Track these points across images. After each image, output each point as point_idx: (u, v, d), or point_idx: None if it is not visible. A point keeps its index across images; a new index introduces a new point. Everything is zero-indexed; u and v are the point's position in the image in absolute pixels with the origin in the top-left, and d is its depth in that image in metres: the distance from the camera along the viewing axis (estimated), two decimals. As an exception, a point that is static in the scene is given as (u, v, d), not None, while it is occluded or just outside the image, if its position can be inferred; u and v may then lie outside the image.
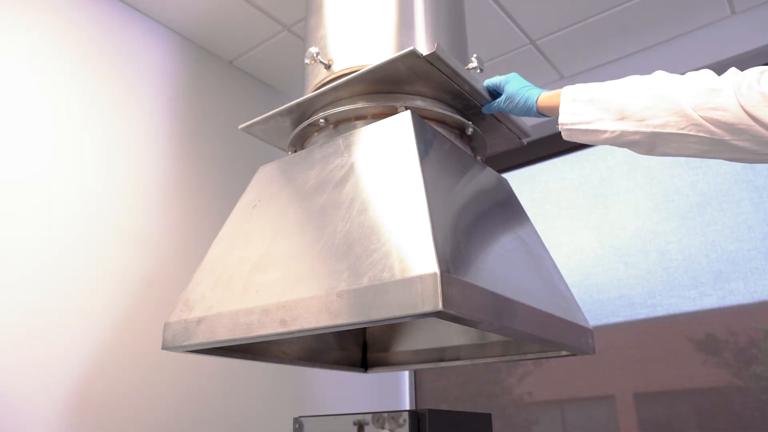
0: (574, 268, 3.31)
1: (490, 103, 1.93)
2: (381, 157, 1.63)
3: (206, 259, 1.83)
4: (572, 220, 3.41)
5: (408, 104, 1.83)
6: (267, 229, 1.73)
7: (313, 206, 1.65)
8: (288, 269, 1.53)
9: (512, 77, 1.91)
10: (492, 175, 1.99)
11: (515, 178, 3.69)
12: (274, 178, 1.92)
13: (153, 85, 2.87)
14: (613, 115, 1.59)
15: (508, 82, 1.89)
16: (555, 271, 1.90)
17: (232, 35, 3.10)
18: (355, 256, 1.41)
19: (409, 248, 1.33)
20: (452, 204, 1.54)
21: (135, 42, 2.86)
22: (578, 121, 1.65)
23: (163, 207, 2.73)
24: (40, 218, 2.32)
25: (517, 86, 1.86)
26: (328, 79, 1.95)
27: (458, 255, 1.38)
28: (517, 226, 1.87)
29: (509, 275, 1.55)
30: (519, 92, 1.84)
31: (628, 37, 3.16)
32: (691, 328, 2.90)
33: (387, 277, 1.31)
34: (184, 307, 1.71)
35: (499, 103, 1.89)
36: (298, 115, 2.02)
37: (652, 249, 3.09)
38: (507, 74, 1.94)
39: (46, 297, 2.26)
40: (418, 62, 1.74)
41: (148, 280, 2.58)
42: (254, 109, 3.34)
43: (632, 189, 3.24)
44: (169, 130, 2.87)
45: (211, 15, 2.96)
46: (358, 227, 1.47)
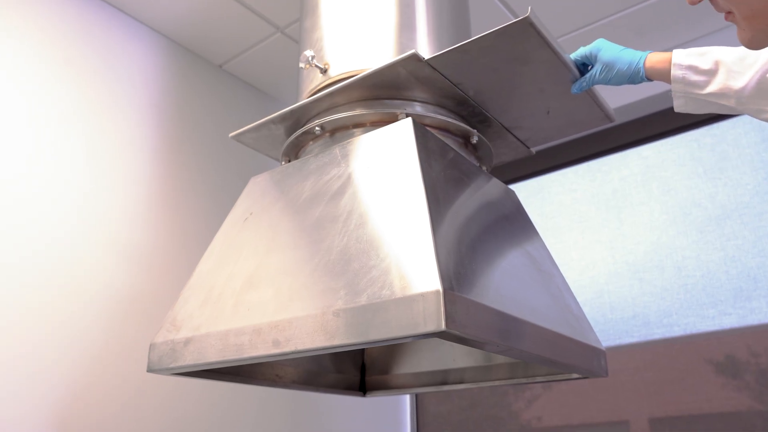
0: (586, 285, 3.31)
1: (580, 79, 1.84)
2: (380, 167, 1.63)
3: (194, 276, 1.83)
4: (584, 234, 3.41)
5: (409, 111, 1.84)
6: (259, 243, 1.73)
7: (307, 219, 1.65)
8: (281, 286, 1.53)
9: (603, 43, 1.81)
10: (498, 186, 1.99)
11: (523, 190, 3.69)
12: (267, 190, 1.93)
13: (138, 90, 2.87)
14: (736, 65, 1.58)
15: (600, 49, 1.79)
16: (565, 289, 1.90)
17: (222, 38, 3.11)
18: (352, 273, 1.41)
19: (410, 264, 1.33)
20: (456, 217, 1.55)
21: (119, 45, 2.86)
22: (696, 78, 1.63)
23: (149, 220, 2.73)
24: (17, 231, 2.31)
25: (615, 51, 1.77)
26: (324, 85, 1.95)
27: (462, 271, 1.38)
28: (525, 240, 1.87)
29: (517, 293, 1.55)
30: (620, 57, 1.76)
31: (644, 38, 3.16)
32: (709, 349, 2.90)
33: (387, 295, 1.31)
34: (171, 327, 1.71)
35: (593, 75, 1.80)
36: (292, 122, 2.02)
37: (669, 265, 3.09)
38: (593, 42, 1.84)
39: (24, 315, 2.26)
40: (420, 66, 1.74)
41: (133, 297, 2.58)
42: (245, 116, 3.34)
43: (647, 201, 3.24)
44: (155, 138, 2.87)
45: (200, 16, 2.96)
46: (355, 242, 1.47)
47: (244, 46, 3.17)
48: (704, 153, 3.15)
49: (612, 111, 2.05)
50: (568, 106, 1.98)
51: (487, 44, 1.68)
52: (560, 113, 2.01)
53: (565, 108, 1.99)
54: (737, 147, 3.07)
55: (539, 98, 1.93)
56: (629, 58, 1.75)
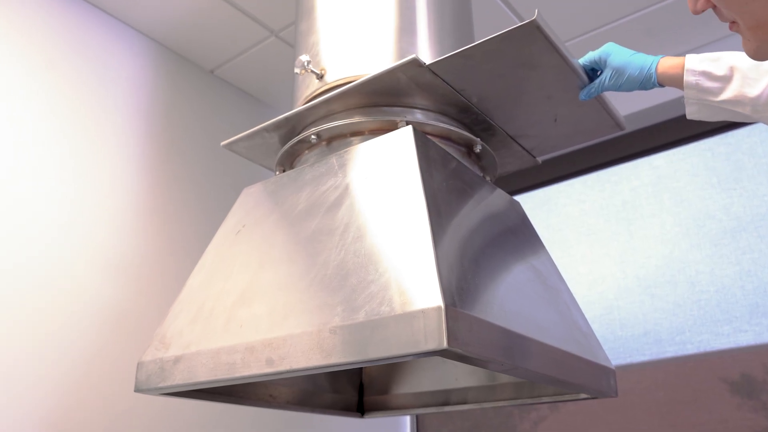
0: (595, 301, 3.31)
1: (588, 86, 1.83)
2: (379, 177, 1.63)
3: (184, 291, 1.83)
4: (592, 247, 3.42)
5: (409, 119, 1.84)
6: (252, 257, 1.73)
7: (303, 232, 1.66)
8: (275, 302, 1.53)
9: (613, 47, 1.80)
10: (503, 197, 1.99)
11: (529, 201, 3.69)
12: (260, 201, 1.93)
13: (125, 96, 2.87)
14: (752, 72, 1.58)
15: (610, 54, 1.78)
16: (573, 305, 1.90)
17: (214, 41, 3.11)
18: (350, 288, 1.41)
19: (410, 279, 1.34)
20: (458, 230, 1.55)
21: (105, 49, 2.86)
22: (709, 84, 1.62)
23: (137, 231, 2.73)
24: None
25: (626, 55, 1.76)
26: (320, 91, 1.96)
27: (465, 287, 1.38)
28: (530, 254, 1.88)
29: (522, 309, 1.55)
30: (630, 62, 1.75)
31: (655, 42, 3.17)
32: (724, 368, 2.90)
33: (386, 312, 1.31)
34: (160, 345, 1.71)
35: (603, 81, 1.79)
36: (286, 130, 2.02)
37: (681, 280, 3.09)
38: (602, 46, 1.83)
39: (3, 332, 2.26)
40: (421, 72, 1.75)
41: (119, 313, 2.58)
42: (238, 123, 3.34)
43: (659, 213, 3.25)
44: (143, 146, 2.87)
45: (190, 19, 2.96)
46: (353, 256, 1.48)
47: (237, 50, 3.17)
48: (718, 162, 3.16)
49: (622, 118, 2.06)
50: (576, 114, 1.98)
51: (492, 49, 1.68)
52: (568, 121, 2.02)
53: (573, 115, 1.99)
54: (753, 156, 3.08)
55: (546, 105, 1.94)
56: (640, 63, 1.74)
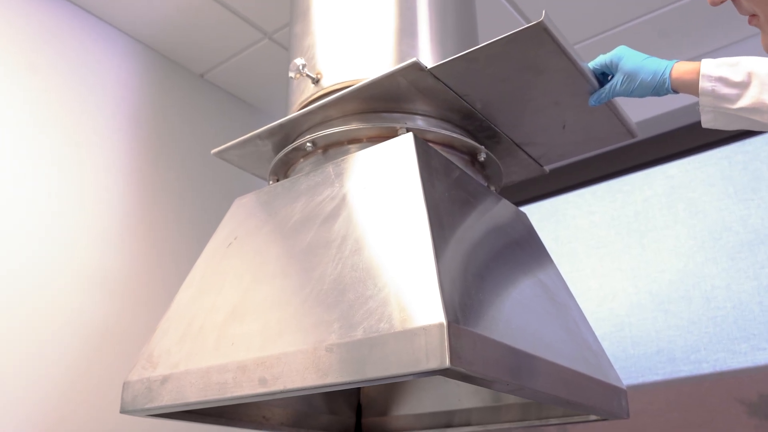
0: (605, 318, 3.31)
1: (598, 91, 1.82)
2: (378, 187, 1.63)
3: (173, 307, 1.83)
4: (602, 261, 3.42)
5: (410, 125, 1.84)
6: (244, 271, 1.73)
7: (298, 245, 1.66)
8: (269, 319, 1.53)
9: (625, 50, 1.78)
10: (508, 208, 1.99)
11: (536, 212, 3.70)
12: (253, 212, 1.93)
13: (111, 101, 2.87)
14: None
15: (621, 57, 1.76)
16: (582, 321, 1.90)
17: (204, 44, 3.11)
18: (347, 304, 1.41)
19: (410, 295, 1.34)
20: (462, 243, 1.55)
21: (90, 51, 2.86)
22: (726, 91, 1.61)
23: (122, 244, 2.73)
24: (-23, 258, 2.31)
25: (638, 59, 1.75)
26: (316, 96, 1.96)
27: (469, 302, 1.38)
28: (537, 268, 1.88)
29: (529, 326, 1.55)
30: (643, 66, 1.73)
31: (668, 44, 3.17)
32: (741, 388, 2.89)
33: (385, 329, 1.31)
34: (147, 363, 1.71)
35: (614, 86, 1.78)
36: (280, 137, 2.03)
37: (696, 295, 3.09)
38: (613, 49, 1.81)
39: (-17, 351, 2.26)
40: (422, 76, 1.75)
41: (104, 330, 2.57)
42: (229, 130, 3.34)
43: (673, 225, 3.25)
44: (129, 155, 2.87)
45: (180, 21, 2.97)
46: (351, 270, 1.48)
47: (228, 53, 3.18)
48: (735, 171, 3.16)
49: (634, 125, 2.06)
50: (585, 121, 1.98)
51: (497, 52, 1.68)
52: (577, 128, 2.02)
53: (582, 122, 1.99)
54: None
55: (554, 111, 1.94)
56: (654, 67, 1.72)
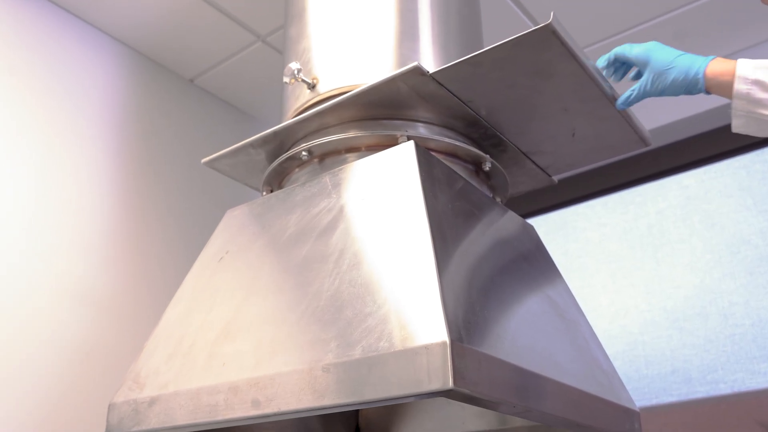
0: (617, 336, 3.31)
1: (627, 92, 1.78)
2: (377, 198, 1.63)
3: (161, 325, 1.83)
4: (614, 276, 3.41)
5: (411, 133, 1.84)
6: (236, 287, 1.73)
7: (293, 259, 1.66)
8: (262, 337, 1.53)
9: (656, 47, 1.73)
10: (515, 220, 1.99)
11: (544, 224, 3.70)
12: (245, 225, 1.93)
13: (95, 107, 2.87)
14: None
15: (652, 53, 1.71)
16: (593, 340, 1.90)
17: (194, 48, 3.11)
18: (345, 322, 1.41)
19: (412, 312, 1.34)
20: (466, 257, 1.55)
21: (72, 54, 2.86)
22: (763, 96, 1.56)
23: (107, 259, 2.72)
24: (-45, 273, 2.31)
25: (671, 56, 1.69)
26: (312, 102, 1.96)
27: (473, 320, 1.38)
28: (546, 283, 1.87)
29: (536, 345, 1.55)
30: (676, 64, 1.68)
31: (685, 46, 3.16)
32: (761, 410, 2.89)
33: (385, 348, 1.31)
34: (134, 384, 1.71)
35: (644, 86, 1.73)
36: (274, 146, 2.03)
37: (714, 312, 3.09)
38: (644, 43, 1.76)
39: (-39, 371, 2.25)
40: (424, 81, 1.75)
41: (89, 349, 2.57)
42: (220, 138, 3.34)
43: (688, 238, 3.25)
44: (115, 164, 2.87)
45: (167, 23, 2.97)
46: (348, 285, 1.48)
47: (219, 57, 3.18)
48: (754, 182, 3.16)
49: (647, 133, 2.05)
50: (596, 128, 1.98)
51: (503, 56, 1.69)
52: (587, 136, 2.02)
53: (592, 130, 1.99)
54: (792, 175, 3.08)
55: (563, 118, 1.94)
56: (687, 64, 1.67)
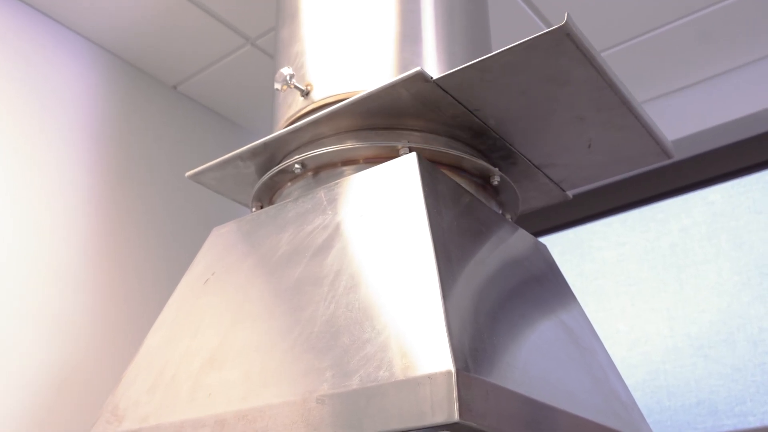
0: (637, 365, 3.31)
1: None
2: (377, 215, 1.63)
3: (141, 352, 1.83)
4: (634, 300, 3.42)
5: (413, 144, 1.84)
6: (223, 312, 1.73)
7: (284, 282, 1.66)
8: (251, 366, 1.53)
9: None
10: (526, 239, 1.99)
11: (557, 243, 3.70)
12: (233, 244, 1.93)
13: (70, 115, 2.87)
14: None
15: None
16: (611, 369, 1.90)
17: (177, 52, 3.11)
18: (341, 349, 1.41)
19: (414, 338, 1.34)
20: (473, 279, 1.55)
21: (45, 58, 2.86)
22: None
23: (83, 281, 2.72)
24: None
25: None
26: (305, 111, 1.96)
27: (481, 347, 1.38)
28: (559, 308, 1.87)
29: (549, 374, 1.55)
30: None
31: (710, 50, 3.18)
32: (795, 446, 2.89)
33: (384, 377, 1.31)
34: (112, 417, 1.71)
35: None
36: (265, 158, 2.03)
37: (741, 338, 3.09)
38: None
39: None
40: (427, 87, 1.75)
41: (64, 378, 2.56)
42: (206, 150, 3.34)
43: (714, 258, 3.25)
44: (91, 177, 2.87)
45: (149, 25, 2.97)
46: (345, 310, 1.48)
47: (205, 61, 3.18)
48: (786, 197, 3.17)
49: (670, 144, 2.05)
50: (614, 139, 1.98)
51: (513, 60, 1.68)
52: (604, 147, 2.01)
53: (610, 141, 1.99)
54: (827, 189, 3.09)
55: (578, 128, 1.94)
56: None
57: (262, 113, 3.43)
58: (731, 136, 3.27)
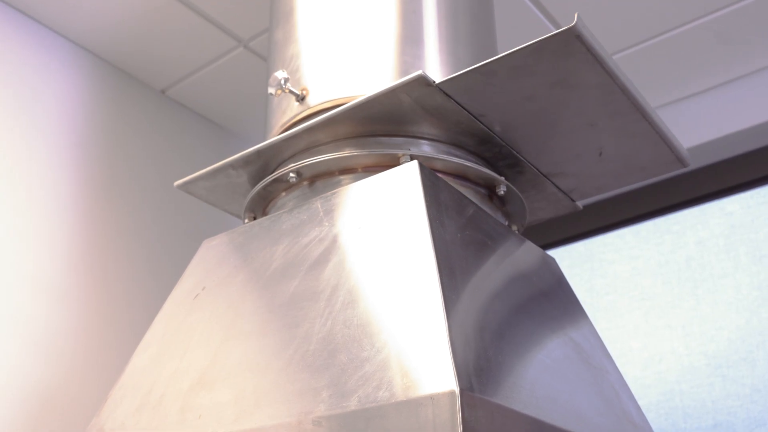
0: (651, 384, 3.31)
1: None
2: (376, 226, 1.64)
3: (128, 372, 1.83)
4: (647, 316, 3.41)
5: (414, 152, 1.84)
6: (214, 328, 1.73)
7: (279, 297, 1.66)
8: (244, 386, 1.53)
9: None
10: (534, 252, 2.00)
11: (567, 257, 3.70)
12: (224, 257, 1.93)
13: (53, 121, 2.86)
14: None
15: None
16: (623, 389, 1.90)
17: (165, 54, 3.11)
18: (338, 368, 1.41)
19: (415, 356, 1.34)
20: (477, 294, 1.55)
21: (26, 61, 2.86)
22: None
23: (66, 297, 2.71)
24: None
25: None
26: (301, 117, 1.96)
27: (486, 366, 1.38)
28: (568, 324, 1.88)
29: (558, 394, 1.55)
30: None
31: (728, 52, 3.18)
32: (819, 472, 2.89)
33: (384, 398, 1.31)
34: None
35: None
36: (258, 167, 2.03)
37: (761, 357, 3.09)
38: None
39: None
40: (429, 92, 1.75)
41: (45, 400, 2.56)
42: (196, 158, 3.34)
43: (733, 272, 3.25)
44: (75, 186, 2.87)
45: (136, 26, 2.97)
46: (343, 326, 1.48)
47: (195, 65, 3.18)
48: (809, 208, 3.17)
49: (686, 152, 2.05)
50: (626, 146, 1.98)
51: (520, 63, 1.69)
52: (616, 155, 2.02)
53: (622, 148, 1.99)
54: None
55: (588, 135, 1.94)
56: None
57: (255, 119, 3.43)
58: (750, 144, 3.27)
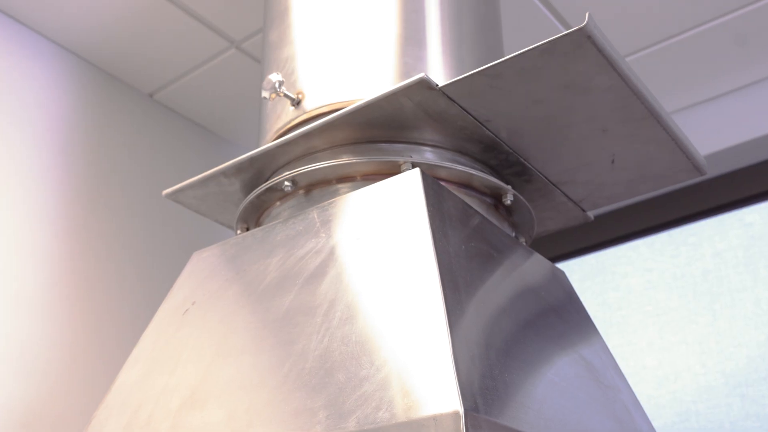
0: (666, 404, 3.30)
1: None
2: (375, 237, 1.64)
3: (114, 389, 1.83)
4: (662, 332, 3.41)
5: (416, 159, 1.83)
6: (205, 345, 1.73)
7: (273, 312, 1.66)
8: (236, 406, 1.53)
9: None
10: (542, 264, 1.99)
11: (577, 270, 3.70)
12: (216, 270, 1.93)
13: (36, 127, 2.86)
14: None
15: None
16: (636, 409, 1.89)
17: (154, 56, 3.11)
18: (336, 387, 1.41)
19: (417, 375, 1.34)
20: (482, 309, 1.55)
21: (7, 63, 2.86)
22: None
23: (50, 311, 2.71)
24: None
25: None
26: (296, 122, 1.96)
27: (491, 385, 1.38)
28: (579, 341, 1.87)
29: (568, 415, 1.55)
30: None
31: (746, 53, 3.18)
32: (843, 497, 2.89)
33: (385, 418, 1.31)
34: (79, 463, 1.71)
35: None
36: (251, 175, 2.03)
37: (784, 376, 3.09)
38: None
39: None
40: (432, 96, 1.75)
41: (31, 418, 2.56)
42: (186, 165, 3.34)
43: (752, 286, 3.25)
44: (60, 196, 2.86)
45: (123, 27, 2.96)
46: (340, 343, 1.48)
47: (185, 67, 3.18)
48: (831, 218, 3.17)
49: (703, 160, 2.04)
50: (640, 153, 1.98)
51: (528, 65, 1.68)
52: (629, 163, 2.01)
53: (636, 155, 1.98)
54: None
55: (600, 142, 1.93)
56: None
57: (248, 124, 3.43)
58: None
